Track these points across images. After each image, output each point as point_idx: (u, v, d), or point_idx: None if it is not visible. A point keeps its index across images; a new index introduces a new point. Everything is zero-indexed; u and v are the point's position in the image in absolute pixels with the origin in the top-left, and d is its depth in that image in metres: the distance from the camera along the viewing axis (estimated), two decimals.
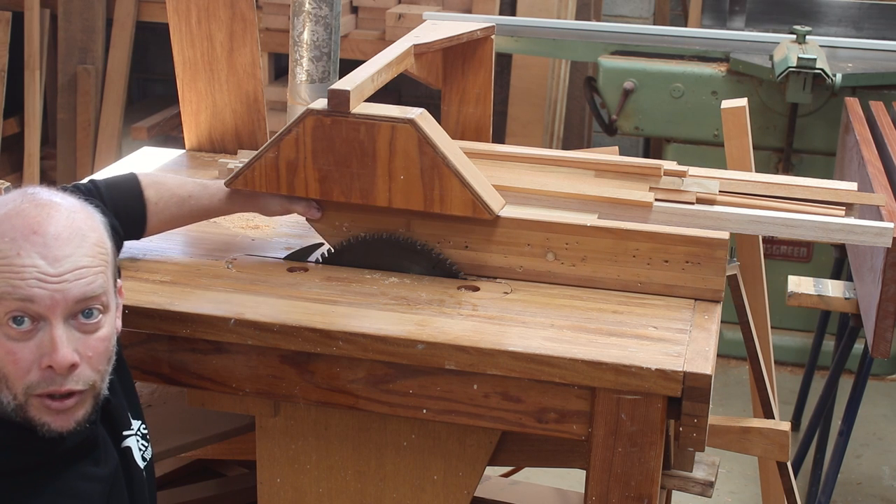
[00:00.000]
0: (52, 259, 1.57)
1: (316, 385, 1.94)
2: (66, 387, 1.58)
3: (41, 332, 1.57)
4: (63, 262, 1.57)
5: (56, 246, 1.58)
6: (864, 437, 4.15)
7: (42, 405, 1.59)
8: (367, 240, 2.11)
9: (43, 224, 1.59)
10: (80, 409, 1.61)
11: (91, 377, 1.61)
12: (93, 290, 1.60)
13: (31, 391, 1.58)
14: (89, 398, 1.62)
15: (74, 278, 1.58)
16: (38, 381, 1.57)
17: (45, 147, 5.51)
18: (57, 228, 1.59)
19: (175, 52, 2.73)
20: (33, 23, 5.26)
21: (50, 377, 1.57)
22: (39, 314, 1.57)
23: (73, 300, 1.58)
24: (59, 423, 1.60)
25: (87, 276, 1.59)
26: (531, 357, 1.83)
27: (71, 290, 1.57)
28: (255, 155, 2.09)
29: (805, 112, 4.34)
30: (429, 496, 2.06)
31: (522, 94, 5.24)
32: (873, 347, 2.75)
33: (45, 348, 1.57)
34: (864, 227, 2.15)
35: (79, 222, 1.62)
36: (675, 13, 6.06)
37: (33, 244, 1.57)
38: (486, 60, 2.59)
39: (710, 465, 2.17)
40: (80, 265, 1.59)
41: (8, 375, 1.58)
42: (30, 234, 1.57)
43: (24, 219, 1.59)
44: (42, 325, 1.57)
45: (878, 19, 5.13)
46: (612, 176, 2.32)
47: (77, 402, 1.60)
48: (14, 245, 1.57)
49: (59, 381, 1.58)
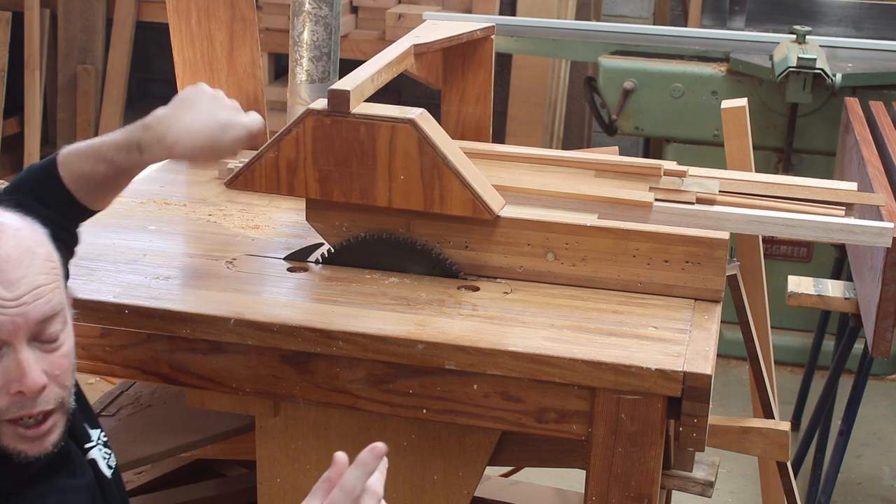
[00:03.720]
0: (6, 283, 1.51)
1: (316, 385, 1.94)
2: (37, 409, 1.54)
3: (5, 358, 1.52)
4: (18, 285, 1.52)
5: (8, 269, 1.51)
6: (864, 437, 4.15)
7: (15, 434, 1.55)
8: (367, 240, 2.11)
9: None
10: (55, 432, 1.59)
11: (60, 395, 1.57)
12: (52, 308, 1.55)
13: (2, 416, 1.53)
14: (61, 418, 1.59)
15: (33, 299, 1.53)
16: (7, 407, 1.53)
17: (45, 147, 5.51)
18: (6, 250, 1.53)
19: (175, 52, 2.73)
20: (33, 23, 5.27)
21: (20, 402, 1.53)
22: (2, 341, 1.51)
23: (35, 322, 1.53)
24: (35, 449, 1.57)
25: (45, 294, 1.54)
26: (531, 357, 1.83)
27: (31, 312, 1.52)
28: (255, 155, 2.09)
29: (805, 112, 4.34)
30: (429, 496, 2.06)
31: (522, 94, 5.24)
32: (873, 347, 2.75)
33: (11, 374, 1.52)
34: (864, 227, 2.15)
35: (26, 240, 1.56)
36: (675, 13, 6.06)
37: None
38: (486, 60, 2.59)
39: (710, 465, 2.17)
40: (36, 284, 1.53)
41: None
42: None
43: None
44: (7, 351, 1.52)
45: (878, 19, 5.13)
46: (612, 176, 2.32)
47: (51, 426, 1.57)
48: None
49: (29, 404, 1.54)
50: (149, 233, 2.27)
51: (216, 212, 2.40)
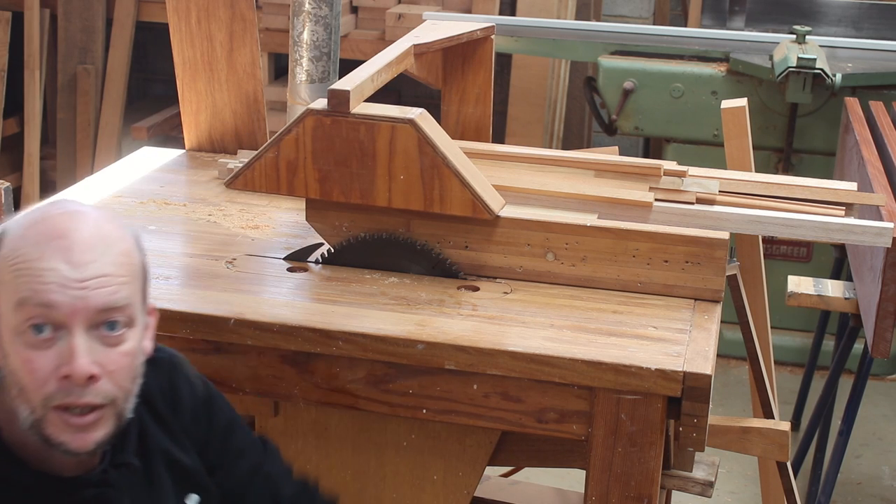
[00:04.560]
0: (74, 264, 1.50)
1: (316, 385, 1.94)
2: (83, 399, 1.50)
3: (61, 342, 1.50)
4: (86, 268, 1.51)
5: (79, 251, 1.51)
6: (864, 437, 4.15)
7: (60, 420, 1.51)
8: (367, 240, 2.11)
9: (68, 229, 1.53)
10: (101, 429, 1.54)
11: (112, 392, 1.53)
12: (116, 300, 1.53)
13: (49, 403, 1.50)
14: (110, 416, 1.55)
15: (97, 285, 1.51)
16: (55, 392, 1.50)
17: (45, 147, 5.51)
18: (82, 234, 1.53)
19: (175, 52, 2.73)
20: (33, 23, 5.26)
21: (67, 388, 1.50)
22: (60, 321, 1.50)
23: (95, 309, 1.51)
24: (77, 442, 1.53)
25: (111, 284, 1.52)
26: (531, 357, 1.83)
27: (92, 297, 1.51)
28: (255, 155, 2.09)
29: (805, 112, 4.33)
30: (429, 496, 2.06)
31: (522, 94, 5.24)
32: (873, 347, 2.75)
33: (63, 357, 1.50)
34: (864, 227, 2.15)
35: (106, 231, 1.56)
36: (675, 13, 6.06)
37: (56, 248, 1.51)
38: (486, 60, 2.59)
39: (710, 465, 2.17)
40: (103, 272, 1.52)
41: (25, 387, 1.51)
42: (54, 238, 1.52)
43: (49, 224, 1.54)
44: (62, 334, 1.50)
45: (878, 19, 5.13)
46: (611, 176, 2.32)
47: (97, 419, 1.53)
48: (37, 249, 1.51)
49: (76, 392, 1.50)
50: (149, 233, 2.27)
51: (216, 212, 2.40)
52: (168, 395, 1.74)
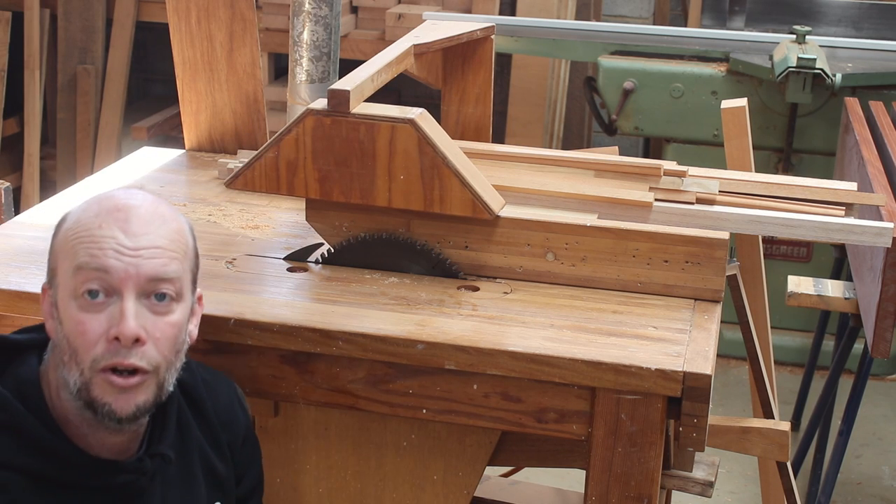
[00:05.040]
0: (130, 233, 1.62)
1: (316, 385, 1.94)
2: (129, 360, 1.60)
3: (112, 306, 1.61)
4: (140, 238, 1.63)
5: (136, 222, 1.64)
6: (864, 437, 4.15)
7: (106, 382, 1.60)
8: (367, 240, 2.11)
9: (128, 205, 1.66)
10: (142, 394, 1.63)
11: (156, 359, 1.63)
12: (166, 271, 1.63)
13: (97, 365, 1.60)
14: (152, 384, 1.64)
15: (149, 255, 1.62)
16: (103, 354, 1.60)
17: (45, 147, 5.51)
18: (139, 211, 1.66)
19: (175, 52, 2.73)
20: (33, 23, 5.26)
21: (115, 349, 1.60)
22: (113, 287, 1.60)
23: (146, 277, 1.61)
24: (120, 403, 1.61)
25: (162, 256, 1.63)
26: (531, 357, 1.83)
27: (143, 265, 1.61)
28: (255, 155, 2.09)
29: (805, 112, 4.34)
30: (429, 496, 2.06)
31: (522, 94, 5.24)
32: (873, 347, 2.75)
33: (114, 320, 1.60)
34: (864, 227, 2.15)
35: (162, 210, 1.69)
36: (675, 13, 6.06)
37: (115, 219, 1.63)
38: (486, 60, 2.59)
39: (710, 465, 2.16)
40: (156, 244, 1.64)
41: (77, 349, 1.61)
42: (113, 210, 1.65)
43: (111, 201, 1.67)
44: (114, 300, 1.61)
45: (878, 19, 5.13)
46: (611, 176, 2.32)
47: (140, 383, 1.62)
48: (97, 219, 1.63)
49: (123, 353, 1.60)
50: None
51: (216, 212, 2.40)
52: (223, 413, 1.85)
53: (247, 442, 1.90)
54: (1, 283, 2.01)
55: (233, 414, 1.87)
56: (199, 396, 1.81)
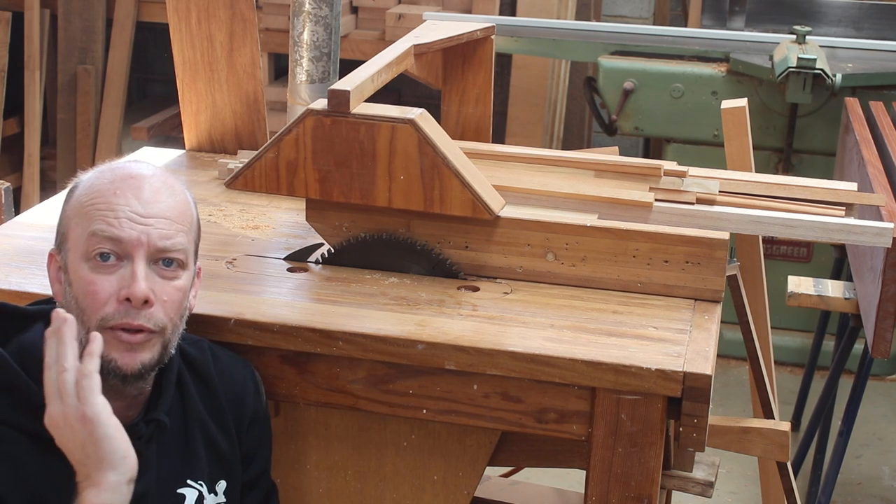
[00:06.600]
0: (143, 201, 1.70)
1: (316, 385, 1.94)
2: (137, 321, 1.66)
3: (123, 269, 1.67)
4: (153, 206, 1.70)
5: (149, 190, 1.71)
6: (864, 437, 4.15)
7: (113, 338, 1.66)
8: (367, 240, 2.11)
9: (140, 174, 1.74)
10: (147, 352, 1.68)
11: (162, 320, 1.69)
12: (172, 243, 1.71)
13: (105, 323, 1.65)
14: (157, 343, 1.69)
15: (158, 224, 1.70)
16: (112, 313, 1.66)
17: (45, 147, 5.51)
18: (151, 180, 1.74)
19: (175, 52, 2.73)
20: (33, 23, 5.27)
21: (125, 310, 1.66)
22: (125, 252, 1.67)
23: (155, 245, 1.69)
24: (125, 360, 1.66)
25: (170, 227, 1.71)
26: (531, 357, 1.83)
27: (153, 233, 1.69)
28: (255, 155, 2.09)
29: (805, 112, 4.34)
30: (429, 496, 2.06)
31: (522, 94, 5.24)
32: (873, 347, 2.75)
33: (125, 281, 1.66)
34: (864, 227, 2.15)
35: (171, 182, 1.76)
36: (675, 13, 6.06)
37: (129, 186, 1.71)
38: (486, 60, 2.59)
39: (710, 465, 2.16)
40: (165, 214, 1.71)
41: (85, 308, 1.67)
42: (127, 177, 1.72)
43: (124, 170, 1.75)
44: (125, 263, 1.68)
45: (878, 19, 5.13)
46: (611, 176, 2.32)
47: (146, 340, 1.68)
48: (112, 186, 1.71)
49: (132, 314, 1.66)
50: None
51: (216, 212, 2.40)
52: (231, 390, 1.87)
53: (255, 424, 1.90)
54: (1, 283, 2.01)
55: (242, 392, 1.88)
56: (206, 371, 1.84)
